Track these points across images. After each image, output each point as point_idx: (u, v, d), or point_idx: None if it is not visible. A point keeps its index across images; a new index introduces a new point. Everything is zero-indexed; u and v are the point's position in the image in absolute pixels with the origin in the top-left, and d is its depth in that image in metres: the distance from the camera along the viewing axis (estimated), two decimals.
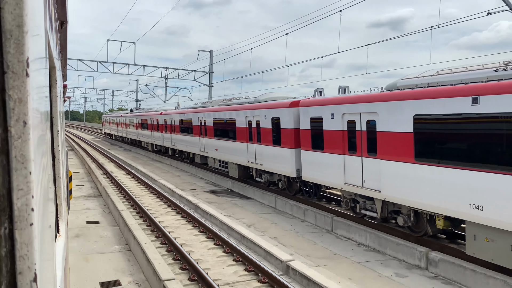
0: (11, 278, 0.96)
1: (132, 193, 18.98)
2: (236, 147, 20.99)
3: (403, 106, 10.70)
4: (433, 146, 10.11)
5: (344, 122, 13.07)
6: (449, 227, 10.71)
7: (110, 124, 61.74)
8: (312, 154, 14.80)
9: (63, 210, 3.77)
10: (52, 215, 1.91)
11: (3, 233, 0.94)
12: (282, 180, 17.70)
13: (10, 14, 0.93)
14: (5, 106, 0.94)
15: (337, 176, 13.48)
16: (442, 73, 10.45)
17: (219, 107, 23.85)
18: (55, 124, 3.25)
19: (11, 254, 0.96)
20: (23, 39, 0.95)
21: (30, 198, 0.98)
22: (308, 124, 14.93)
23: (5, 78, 0.94)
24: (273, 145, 17.38)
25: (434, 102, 9.75)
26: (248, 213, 16.26)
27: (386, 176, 11.42)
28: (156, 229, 13.07)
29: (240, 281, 9.20)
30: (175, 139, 31.31)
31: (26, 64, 0.96)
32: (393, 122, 11.07)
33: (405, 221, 11.54)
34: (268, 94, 20.52)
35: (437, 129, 9.90)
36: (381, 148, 11.56)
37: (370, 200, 12.71)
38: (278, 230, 13.74)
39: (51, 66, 2.80)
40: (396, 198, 11.24)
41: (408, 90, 10.83)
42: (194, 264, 9.71)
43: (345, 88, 15.19)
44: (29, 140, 0.98)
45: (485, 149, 8.88)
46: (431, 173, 10.05)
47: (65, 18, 3.86)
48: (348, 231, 12.91)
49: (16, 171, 0.96)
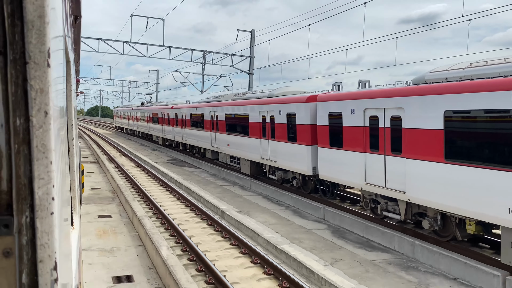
0: (32, 266, 0.98)
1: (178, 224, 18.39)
2: (249, 143, 20.31)
3: (433, 101, 9.89)
4: (466, 144, 9.30)
5: (366, 118, 12.28)
6: (481, 232, 9.91)
7: (121, 117, 61.59)
8: (330, 152, 14.04)
9: (76, 203, 3.75)
10: (68, 207, 1.95)
11: (24, 221, 0.98)
12: (296, 178, 16.98)
13: (32, 5, 0.95)
14: (26, 96, 0.96)
15: (357, 175, 12.72)
16: (476, 66, 9.61)
17: (231, 101, 23.16)
18: (69, 118, 3.24)
19: (32, 243, 0.98)
20: (44, 30, 0.97)
21: (51, 188, 0.99)
22: (326, 120, 14.17)
23: (27, 68, 0.96)
24: (288, 142, 16.66)
25: (470, 96, 8.93)
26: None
27: (412, 177, 10.63)
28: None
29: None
30: (186, 134, 30.74)
31: (48, 54, 0.98)
32: (421, 118, 10.27)
33: (431, 224, 10.76)
34: (283, 89, 19.75)
35: (472, 126, 9.09)
36: (407, 146, 10.77)
37: (392, 201, 11.94)
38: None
39: (67, 60, 2.77)
40: (423, 200, 10.46)
41: (438, 84, 10.01)
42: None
43: (366, 82, 14.38)
44: (50, 130, 0.99)
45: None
46: (463, 174, 9.26)
47: (79, 13, 3.88)
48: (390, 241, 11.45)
49: (37, 160, 0.98)
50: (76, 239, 3.05)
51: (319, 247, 11.15)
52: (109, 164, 24.98)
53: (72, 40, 3.81)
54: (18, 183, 0.97)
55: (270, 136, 18.19)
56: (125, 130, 60.67)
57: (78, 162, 5.83)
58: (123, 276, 9.08)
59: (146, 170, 24.52)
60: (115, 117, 71.08)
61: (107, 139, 47.96)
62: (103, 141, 46.50)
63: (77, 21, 4.12)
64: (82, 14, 4.08)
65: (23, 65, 0.95)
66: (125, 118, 58.30)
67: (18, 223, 0.97)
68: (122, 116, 61.24)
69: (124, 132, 61.52)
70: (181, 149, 33.51)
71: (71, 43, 3.54)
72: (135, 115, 50.39)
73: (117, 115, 67.02)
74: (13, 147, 0.96)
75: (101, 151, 33.78)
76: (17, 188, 0.97)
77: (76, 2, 3.43)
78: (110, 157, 29.66)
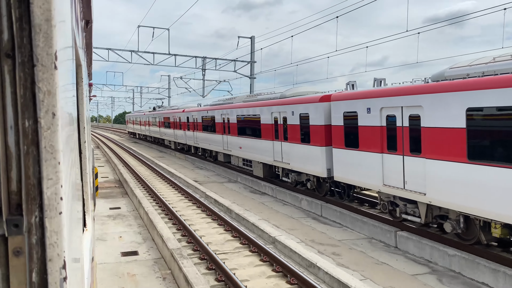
0: (42, 265, 1.01)
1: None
2: (261, 145, 19.96)
3: (454, 98, 9.44)
4: (490, 144, 8.83)
5: (383, 117, 11.85)
6: (507, 235, 9.40)
7: (134, 123, 61.84)
8: (345, 153, 13.62)
9: (89, 205, 3.76)
10: (80, 208, 1.98)
11: (33, 221, 1.00)
12: (311, 180, 16.58)
13: (39, 9, 0.97)
14: (35, 98, 0.99)
15: (374, 177, 12.28)
16: (500, 60, 9.14)
17: (242, 103, 22.86)
18: (81, 120, 3.26)
19: (41, 242, 1.00)
20: (51, 33, 0.99)
21: (59, 188, 1.01)
22: (340, 120, 13.76)
23: (35, 71, 0.98)
24: (302, 143, 16.27)
25: (494, 92, 8.46)
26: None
27: (433, 178, 10.17)
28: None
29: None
30: (198, 137, 30.54)
31: (55, 57, 1.00)
32: (442, 117, 9.81)
33: (453, 227, 10.27)
34: (295, 89, 19.38)
35: (497, 124, 8.61)
36: (426, 146, 10.32)
37: (412, 203, 11.47)
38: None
39: (78, 63, 2.78)
40: (444, 202, 9.98)
41: (459, 80, 9.56)
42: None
43: (381, 80, 13.95)
44: (57, 131, 1.01)
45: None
46: (488, 174, 8.78)
47: (90, 18, 3.93)
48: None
49: (45, 161, 1.00)
50: (89, 240, 3.07)
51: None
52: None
53: (84, 44, 3.87)
54: (28, 183, 0.99)
55: (282, 137, 17.82)
56: (138, 136, 60.91)
57: (92, 165, 5.81)
58: None
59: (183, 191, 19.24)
60: (127, 123, 71.43)
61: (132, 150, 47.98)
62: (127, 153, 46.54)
63: (88, 26, 4.18)
64: (93, 18, 4.13)
65: (31, 68, 0.97)
66: (137, 123, 58.52)
67: (28, 223, 0.99)
68: (134, 121, 61.50)
69: (136, 137, 61.78)
70: (193, 153, 33.35)
71: (83, 47, 3.59)
72: (147, 120, 50.49)
73: (130, 121, 67.34)
74: (22, 148, 0.99)
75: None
76: (26, 188, 0.99)
77: (87, 7, 3.49)
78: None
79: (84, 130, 3.35)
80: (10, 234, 0.98)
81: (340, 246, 11.53)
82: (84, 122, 3.41)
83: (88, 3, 3.42)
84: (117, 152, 38.19)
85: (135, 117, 61.08)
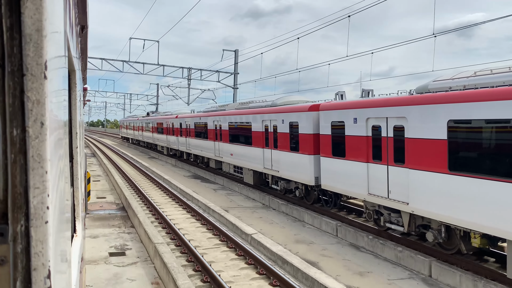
0: (26, 274, 0.99)
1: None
2: (251, 153, 20.14)
3: (436, 110, 9.68)
4: (470, 155, 9.06)
5: (369, 128, 12.08)
6: (486, 245, 9.61)
7: (127, 128, 61.78)
8: (332, 161, 13.83)
9: (80, 211, 3.72)
10: (68, 215, 1.95)
11: (19, 230, 0.98)
12: (299, 188, 16.75)
13: (30, 19, 0.98)
14: (23, 107, 0.98)
15: (360, 186, 12.48)
16: (480, 74, 9.41)
17: (234, 110, 23.06)
18: (74, 126, 3.25)
19: (26, 251, 0.99)
20: (41, 43, 1.00)
21: (46, 197, 1.01)
22: (328, 129, 13.98)
23: (24, 80, 0.99)
24: (291, 151, 16.47)
25: (474, 106, 8.72)
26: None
27: (415, 187, 10.38)
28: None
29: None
30: (190, 144, 30.66)
31: (44, 66, 1.01)
32: (424, 128, 10.05)
33: (435, 237, 10.46)
34: (285, 98, 19.62)
35: (476, 136, 8.86)
36: (410, 157, 10.54)
37: (395, 212, 11.66)
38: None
39: (71, 69, 2.77)
40: (426, 211, 10.19)
41: (442, 93, 9.81)
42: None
43: (369, 91, 14.19)
44: (46, 140, 1.01)
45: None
46: (467, 185, 9.00)
47: (86, 23, 3.95)
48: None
49: (32, 170, 0.99)
50: (78, 246, 3.03)
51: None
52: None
53: (79, 49, 3.88)
54: (14, 192, 0.98)
55: (272, 145, 18.01)
56: (131, 141, 60.85)
57: (84, 171, 5.83)
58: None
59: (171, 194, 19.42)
60: (121, 128, 71.34)
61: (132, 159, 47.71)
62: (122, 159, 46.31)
63: (83, 31, 4.19)
64: (89, 24, 4.14)
65: (20, 77, 0.97)
66: (130, 128, 58.48)
67: (13, 232, 0.98)
68: (127, 126, 61.44)
69: (129, 142, 61.71)
70: (185, 158, 33.42)
71: (78, 52, 3.60)
72: (140, 125, 50.51)
73: (123, 126, 67.27)
74: (10, 157, 0.98)
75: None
76: (12, 197, 0.98)
77: (83, 12, 3.50)
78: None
79: (76, 136, 3.37)
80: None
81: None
82: (77, 127, 3.42)
83: (84, 9, 3.49)
84: (117, 162, 32.42)
85: (128, 122, 61.04)
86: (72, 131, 3.23)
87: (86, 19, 3.87)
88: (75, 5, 2.79)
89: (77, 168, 3.55)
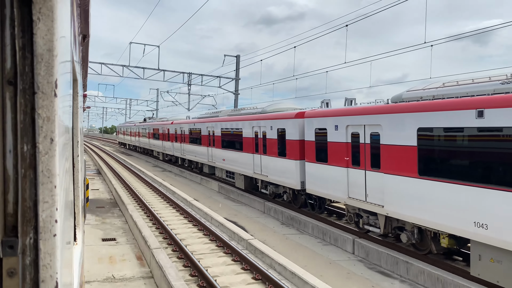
0: (34, 285, 1.01)
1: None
2: (242, 158, 20.79)
3: (407, 118, 10.37)
4: (436, 160, 9.73)
5: (348, 134, 12.76)
6: (454, 245, 10.24)
7: (124, 133, 62.42)
8: (316, 167, 14.48)
9: (80, 219, 3.76)
10: (71, 224, 1.96)
11: (28, 242, 1.00)
12: (287, 192, 17.39)
13: (41, 39, 1.00)
14: (34, 124, 1.00)
15: (341, 190, 13.13)
16: (448, 85, 10.10)
17: (226, 117, 23.75)
18: (75, 134, 3.33)
19: (35, 263, 1.01)
20: (52, 62, 1.02)
21: (55, 210, 1.04)
22: (312, 135, 14.65)
23: (35, 98, 1.01)
24: (279, 157, 17.12)
25: (438, 115, 9.40)
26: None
27: (389, 191, 11.04)
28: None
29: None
30: (185, 149, 31.31)
31: (55, 85, 1.04)
32: (397, 135, 10.73)
33: (408, 238, 11.10)
34: (275, 105, 20.31)
35: (441, 143, 9.54)
36: (384, 162, 11.21)
37: (373, 215, 12.31)
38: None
39: (74, 79, 2.86)
40: (398, 214, 10.83)
41: (413, 102, 10.50)
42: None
43: (352, 100, 14.88)
44: (55, 156, 1.03)
45: (489, 165, 8.48)
46: (434, 189, 9.66)
47: (88, 32, 4.05)
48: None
49: (42, 185, 1.02)
50: (78, 255, 3.07)
51: None
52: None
53: (80, 58, 3.97)
54: (24, 205, 1.01)
55: (262, 151, 18.67)
56: (128, 146, 61.46)
57: (83, 177, 6.08)
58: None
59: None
60: (118, 133, 71.94)
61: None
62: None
63: (85, 40, 4.27)
64: (90, 33, 4.21)
65: (31, 95, 1.00)
66: (127, 134, 59.11)
67: (22, 244, 1.01)
68: (124, 132, 62.06)
69: (126, 148, 62.31)
70: (180, 164, 34.04)
71: (79, 61, 3.70)
72: (137, 131, 51.13)
73: (120, 132, 67.89)
74: (20, 171, 1.01)
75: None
76: (22, 210, 1.01)
77: (85, 22, 3.59)
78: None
79: (77, 144, 3.41)
80: (5, 255, 1.00)
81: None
82: (78, 135, 3.47)
83: (86, 19, 3.58)
84: (121, 174, 28.84)
85: (125, 128, 61.67)
86: (74, 139, 3.28)
87: (88, 29, 3.96)
88: (78, 16, 2.85)
89: (78, 176, 3.60)
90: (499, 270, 8.52)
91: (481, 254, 8.85)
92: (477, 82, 9.38)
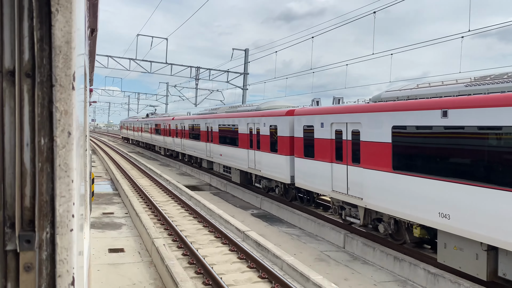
0: (51, 280, 1.00)
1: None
2: (238, 153, 21.63)
3: (383, 117, 11.14)
4: (407, 156, 10.51)
5: (333, 132, 13.55)
6: (426, 235, 11.02)
7: (127, 129, 63.44)
8: (304, 162, 15.29)
9: (87, 213, 3.77)
10: (82, 219, 1.97)
11: (45, 237, 0.99)
12: (279, 186, 18.22)
13: (60, 31, 1.00)
14: (51, 117, 0.99)
15: (326, 183, 13.93)
16: (421, 87, 10.86)
17: (224, 114, 24.60)
18: (84, 129, 3.29)
19: (51, 258, 1.01)
20: (71, 55, 1.02)
21: (72, 205, 1.03)
22: (301, 132, 15.45)
23: (53, 91, 1.00)
24: (271, 152, 17.94)
25: (409, 114, 10.18)
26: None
27: (368, 185, 11.83)
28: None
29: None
30: (185, 144, 32.19)
31: (73, 78, 1.02)
32: (375, 133, 11.51)
33: (385, 228, 11.90)
34: (270, 103, 21.12)
35: (411, 140, 10.32)
36: (363, 157, 12.00)
37: (354, 207, 13.11)
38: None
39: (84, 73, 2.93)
40: (375, 205, 11.63)
41: (389, 102, 11.27)
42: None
43: (339, 99, 15.64)
44: (72, 150, 1.03)
45: (451, 160, 9.26)
46: (406, 182, 10.44)
47: (96, 26, 4.04)
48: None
49: (59, 179, 1.01)
50: (86, 248, 3.04)
51: None
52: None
53: (88, 52, 3.93)
54: (41, 200, 0.99)
55: (256, 147, 19.49)
56: (131, 141, 62.53)
57: (89, 171, 6.40)
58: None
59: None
60: (121, 129, 73.00)
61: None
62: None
63: (93, 34, 4.24)
64: (98, 27, 4.18)
65: (49, 88, 0.99)
66: (130, 129, 60.13)
67: (39, 239, 0.99)
68: (128, 127, 63.09)
69: (129, 143, 63.37)
70: (180, 159, 34.92)
71: (87, 55, 3.71)
72: (140, 127, 52.09)
73: (124, 127, 68.93)
74: (37, 165, 0.99)
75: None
76: (39, 205, 0.99)
77: (94, 16, 3.58)
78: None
79: (85, 139, 3.36)
80: (22, 250, 0.98)
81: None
82: (86, 130, 3.44)
83: (95, 13, 3.57)
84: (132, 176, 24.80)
85: (129, 123, 62.69)
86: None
87: (96, 23, 3.92)
88: (87, 10, 2.84)
89: (86, 171, 3.58)
90: (461, 257, 9.31)
91: (446, 243, 9.64)
92: (446, 84, 10.14)
